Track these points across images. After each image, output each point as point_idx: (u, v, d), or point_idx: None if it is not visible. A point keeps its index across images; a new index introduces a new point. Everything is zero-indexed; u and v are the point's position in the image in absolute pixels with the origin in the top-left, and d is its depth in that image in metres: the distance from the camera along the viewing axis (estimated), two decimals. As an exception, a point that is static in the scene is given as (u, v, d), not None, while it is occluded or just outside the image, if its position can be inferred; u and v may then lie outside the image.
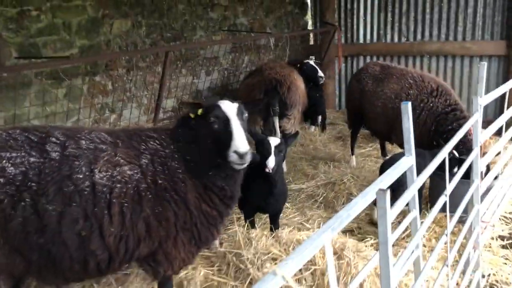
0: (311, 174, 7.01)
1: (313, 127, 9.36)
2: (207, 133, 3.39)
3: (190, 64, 8.00)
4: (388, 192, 2.38)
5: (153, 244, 3.33)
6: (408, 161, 3.21)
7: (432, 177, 6.09)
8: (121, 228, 3.18)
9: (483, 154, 4.83)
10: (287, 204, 6.09)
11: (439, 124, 6.06)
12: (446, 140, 5.96)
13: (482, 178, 4.71)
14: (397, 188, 5.24)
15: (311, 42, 11.41)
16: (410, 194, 3.05)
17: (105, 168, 3.22)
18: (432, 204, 6.02)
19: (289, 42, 9.64)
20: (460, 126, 5.95)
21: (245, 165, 3.31)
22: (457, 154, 5.47)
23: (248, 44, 9.11)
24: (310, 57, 11.19)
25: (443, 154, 3.80)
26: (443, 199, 3.72)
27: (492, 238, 5.42)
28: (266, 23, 9.70)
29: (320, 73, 8.51)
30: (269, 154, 4.17)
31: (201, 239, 3.52)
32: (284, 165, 7.22)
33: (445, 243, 3.61)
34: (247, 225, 4.69)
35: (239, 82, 8.59)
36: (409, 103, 3.14)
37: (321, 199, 6.24)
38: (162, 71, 6.40)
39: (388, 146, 7.86)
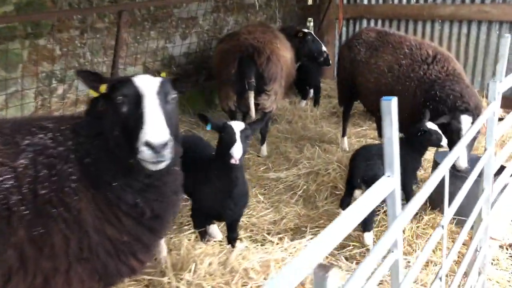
0: (294, 160, 6.02)
1: (304, 102, 8.28)
2: (114, 120, 2.46)
3: (161, 25, 6.89)
4: (335, 276, 1.39)
5: (33, 279, 2.42)
6: (389, 184, 2.21)
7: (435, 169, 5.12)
8: None
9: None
10: (260, 197, 5.19)
11: (427, 94, 5.02)
12: (428, 109, 4.92)
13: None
14: (372, 183, 4.28)
15: (309, 2, 10.16)
16: (391, 236, 2.07)
17: None
18: (432, 203, 5.10)
19: (282, 0, 8.45)
20: (442, 88, 4.90)
21: (163, 165, 2.36)
22: (431, 126, 4.43)
23: (233, 3, 7.92)
24: (309, 19, 10.02)
25: (449, 160, 2.79)
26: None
27: (501, 247, 4.48)
28: (256, -22, 8.47)
29: (325, 48, 7.51)
30: (234, 141, 3.29)
31: (109, 273, 2.59)
32: (264, 148, 6.25)
33: (439, 290, 2.65)
34: (197, 236, 3.77)
35: (221, 47, 7.47)
36: (393, 100, 2.10)
37: (300, 192, 5.28)
38: (116, 35, 5.35)
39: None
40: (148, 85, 2.44)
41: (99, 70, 6.11)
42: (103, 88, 2.50)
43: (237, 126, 3.34)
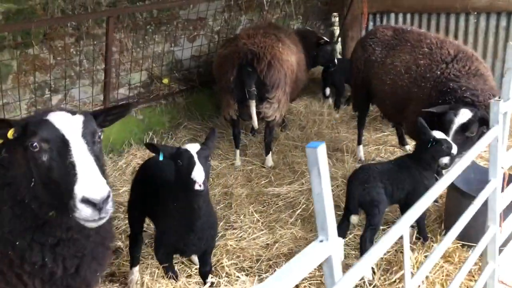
0: (300, 172, 5.57)
1: (327, 90, 7.85)
2: (30, 171, 2.10)
3: (165, 28, 6.58)
4: None
5: None
6: (322, 250, 1.76)
7: (450, 189, 4.54)
8: None
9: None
10: (256, 216, 4.80)
11: (441, 93, 4.48)
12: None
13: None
14: (369, 208, 3.78)
15: (334, -5, 9.56)
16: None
17: None
18: (447, 226, 4.53)
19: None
20: (456, 82, 4.38)
21: (104, 220, 2.01)
22: (439, 135, 3.92)
23: (245, 1, 7.46)
24: (333, 14, 9.44)
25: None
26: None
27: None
28: (273, -28, 7.98)
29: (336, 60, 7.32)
30: (194, 163, 2.91)
31: None
32: (269, 159, 5.84)
33: None
34: (160, 270, 3.44)
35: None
36: (320, 147, 1.66)
37: (300, 210, 4.84)
38: (106, 43, 5.09)
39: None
40: (70, 127, 2.08)
41: (97, 78, 5.89)
42: (11, 133, 2.12)
43: (193, 148, 2.98)
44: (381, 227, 4.33)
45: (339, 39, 9.13)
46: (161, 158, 2.99)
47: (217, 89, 6.06)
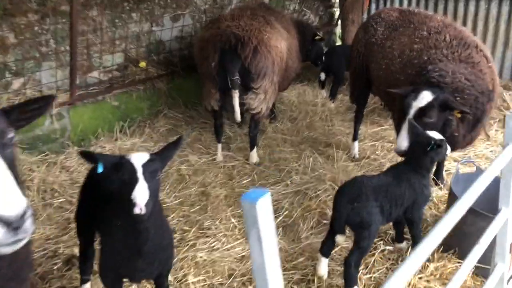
0: (285, 170, 5.04)
1: (322, 75, 7.30)
2: None
3: (145, 6, 5.98)
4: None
5: None
6: None
7: (452, 199, 4.02)
8: None
9: None
10: (233, 221, 4.31)
11: (417, 78, 4.04)
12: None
13: None
14: (358, 230, 3.23)
15: (335, -25, 8.92)
16: None
17: None
18: (447, 241, 4.03)
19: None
20: (435, 65, 3.92)
21: (22, 243, 1.58)
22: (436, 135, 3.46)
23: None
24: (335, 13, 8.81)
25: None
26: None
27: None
28: None
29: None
30: (135, 180, 2.32)
31: None
32: (254, 155, 5.30)
33: None
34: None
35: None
36: (261, 200, 1.13)
37: (282, 217, 4.33)
38: (70, 21, 4.51)
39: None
40: None
41: (65, 60, 5.32)
42: None
43: (138, 159, 2.38)
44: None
45: (339, 22, 8.53)
46: (100, 169, 2.42)
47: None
